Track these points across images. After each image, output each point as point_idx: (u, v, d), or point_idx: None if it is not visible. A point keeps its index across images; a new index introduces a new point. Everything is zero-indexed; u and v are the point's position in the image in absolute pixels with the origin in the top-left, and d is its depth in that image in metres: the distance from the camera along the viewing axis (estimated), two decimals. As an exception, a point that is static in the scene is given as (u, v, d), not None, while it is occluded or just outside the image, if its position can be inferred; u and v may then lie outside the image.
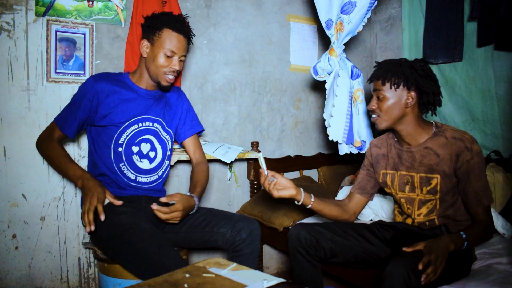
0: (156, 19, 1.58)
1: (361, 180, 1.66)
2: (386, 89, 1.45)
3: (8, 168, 1.76)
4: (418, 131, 1.47)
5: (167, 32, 1.56)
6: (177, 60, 1.59)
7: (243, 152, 2.15)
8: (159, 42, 1.56)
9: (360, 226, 1.58)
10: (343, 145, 2.09)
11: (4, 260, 1.76)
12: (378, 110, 1.47)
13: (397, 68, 1.44)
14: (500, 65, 2.30)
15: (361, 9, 1.91)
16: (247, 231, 1.49)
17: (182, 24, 1.59)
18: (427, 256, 1.19)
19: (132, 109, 1.60)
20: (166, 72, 1.59)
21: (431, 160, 1.44)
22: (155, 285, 0.93)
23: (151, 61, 1.58)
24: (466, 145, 1.38)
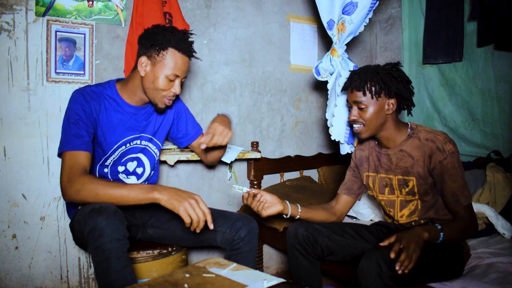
0: (161, 35, 1.40)
1: (347, 181, 1.68)
2: (367, 99, 1.44)
3: (8, 168, 1.76)
4: (395, 134, 1.48)
5: (172, 53, 1.41)
6: (178, 83, 1.46)
7: (243, 152, 2.15)
8: (161, 63, 1.41)
9: (357, 225, 1.60)
10: (344, 145, 2.10)
11: (4, 260, 1.76)
12: (361, 120, 1.47)
13: (375, 76, 1.43)
14: (500, 65, 2.30)
15: (363, 10, 1.91)
16: (246, 230, 1.48)
17: (189, 44, 1.45)
18: (397, 243, 1.21)
19: (121, 132, 1.50)
20: (165, 96, 1.46)
21: (406, 162, 1.45)
22: (155, 285, 0.93)
23: (150, 82, 1.44)
24: (438, 146, 1.38)
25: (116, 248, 1.17)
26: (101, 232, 1.16)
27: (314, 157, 2.71)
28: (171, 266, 1.51)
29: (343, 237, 1.51)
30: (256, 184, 2.41)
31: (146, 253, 1.46)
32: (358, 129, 1.49)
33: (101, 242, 1.16)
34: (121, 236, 1.19)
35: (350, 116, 1.49)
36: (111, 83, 1.52)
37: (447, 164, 1.37)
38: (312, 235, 1.48)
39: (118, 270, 1.16)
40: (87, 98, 1.42)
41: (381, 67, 1.46)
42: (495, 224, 1.85)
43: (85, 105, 1.40)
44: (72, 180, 1.27)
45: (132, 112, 1.52)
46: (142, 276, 1.46)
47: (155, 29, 1.43)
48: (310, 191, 2.38)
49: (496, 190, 2.08)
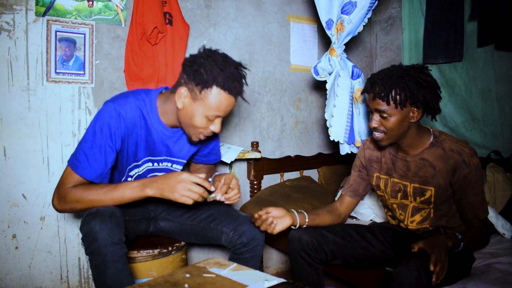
0: (208, 69, 1.23)
1: (353, 183, 1.62)
2: (391, 109, 1.33)
3: (8, 168, 1.76)
4: (417, 141, 1.40)
5: (217, 93, 1.24)
6: (219, 122, 1.31)
7: (243, 152, 2.15)
8: (203, 102, 1.26)
9: (361, 227, 1.57)
10: (344, 145, 2.10)
11: (4, 260, 1.76)
12: (383, 128, 1.37)
13: (400, 83, 1.30)
14: (500, 65, 2.30)
15: (362, 9, 1.91)
16: (249, 236, 1.43)
17: (239, 82, 1.27)
18: (433, 255, 1.17)
19: (151, 150, 1.41)
20: (201, 133, 1.32)
21: (426, 172, 1.39)
22: (155, 285, 0.93)
23: (187, 117, 1.29)
24: (464, 159, 1.32)
25: (111, 252, 1.16)
26: (95, 236, 1.16)
27: (314, 157, 2.71)
28: (171, 266, 1.51)
29: (348, 240, 1.48)
30: (256, 184, 2.41)
31: (146, 252, 1.46)
32: (379, 137, 1.40)
33: (95, 246, 1.16)
34: (117, 240, 1.18)
35: (371, 123, 1.39)
36: (153, 96, 1.37)
37: (471, 178, 1.33)
38: (317, 240, 1.44)
39: (115, 274, 1.16)
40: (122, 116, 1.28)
41: (407, 71, 1.32)
42: (495, 224, 1.85)
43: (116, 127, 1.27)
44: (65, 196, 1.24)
45: (167, 134, 1.41)
46: (142, 276, 1.46)
47: (203, 60, 1.25)
48: (310, 191, 2.38)
49: (496, 190, 2.08)
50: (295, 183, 2.46)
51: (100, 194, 1.24)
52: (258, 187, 2.42)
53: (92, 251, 1.17)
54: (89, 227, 1.17)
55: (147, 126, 1.36)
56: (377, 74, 1.38)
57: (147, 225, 1.55)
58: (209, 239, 1.53)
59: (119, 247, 1.19)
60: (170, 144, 1.43)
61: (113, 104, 1.28)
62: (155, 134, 1.38)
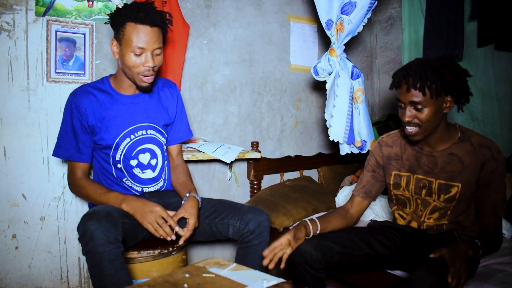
0: (117, 13, 1.39)
1: (366, 184, 1.56)
2: (427, 99, 1.29)
3: (8, 168, 1.76)
4: (446, 135, 1.37)
5: (130, 27, 1.36)
6: (149, 56, 1.39)
7: (243, 152, 2.15)
8: (124, 40, 1.38)
9: (365, 232, 1.50)
10: (344, 145, 2.10)
11: (4, 260, 1.76)
12: (417, 121, 1.32)
13: (435, 73, 1.27)
14: (500, 65, 2.30)
15: (361, 9, 1.91)
16: (255, 223, 1.46)
17: (148, 12, 1.36)
18: (453, 267, 1.14)
19: (120, 123, 1.50)
20: (140, 73, 1.41)
21: (454, 167, 1.36)
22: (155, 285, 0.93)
23: (122, 63, 1.42)
24: (493, 154, 1.31)
25: (108, 251, 1.17)
26: (91, 235, 1.18)
27: (314, 157, 2.72)
28: (171, 266, 1.51)
29: (353, 249, 1.42)
30: (256, 184, 2.41)
31: (146, 253, 1.46)
32: (412, 131, 1.34)
33: (91, 245, 1.18)
34: (113, 239, 1.19)
35: (404, 117, 1.33)
36: (104, 78, 1.55)
37: (497, 174, 1.32)
38: (321, 253, 1.37)
39: (111, 273, 1.17)
40: (75, 94, 1.46)
41: (439, 62, 1.30)
42: (495, 224, 1.84)
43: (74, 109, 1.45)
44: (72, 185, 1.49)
45: (129, 101, 1.52)
46: (142, 276, 1.46)
47: (116, 8, 1.42)
48: (310, 191, 2.38)
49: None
50: (295, 183, 2.46)
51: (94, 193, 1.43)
52: (258, 187, 2.42)
53: (89, 251, 1.19)
54: (85, 227, 1.19)
55: (107, 97, 1.50)
56: (407, 67, 1.34)
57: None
58: (216, 235, 1.54)
59: (115, 246, 1.20)
60: (135, 110, 1.53)
61: (69, 97, 1.49)
62: (117, 104, 1.51)
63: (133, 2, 1.43)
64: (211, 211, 1.53)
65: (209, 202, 1.57)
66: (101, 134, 1.48)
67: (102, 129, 1.47)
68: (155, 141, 1.59)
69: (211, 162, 2.30)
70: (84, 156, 1.48)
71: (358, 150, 2.10)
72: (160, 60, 1.45)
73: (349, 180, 2.48)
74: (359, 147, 2.08)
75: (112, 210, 1.30)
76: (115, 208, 1.35)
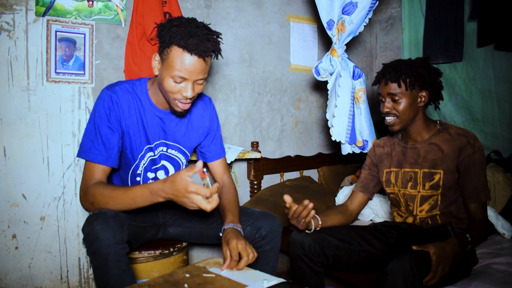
0: (166, 30, 1.24)
1: (363, 179, 1.68)
2: (402, 91, 1.47)
3: (8, 168, 1.76)
4: (424, 127, 1.52)
5: (176, 51, 1.23)
6: (189, 86, 1.27)
7: (243, 152, 2.15)
8: (167, 63, 1.25)
9: (364, 229, 1.55)
10: (345, 145, 2.10)
11: (4, 260, 1.76)
12: (395, 111, 1.49)
13: (409, 68, 1.46)
14: (500, 65, 2.30)
15: (362, 10, 1.91)
16: (268, 229, 1.43)
17: (201, 41, 1.22)
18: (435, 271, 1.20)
19: (148, 136, 1.42)
20: (176, 99, 1.30)
21: (435, 155, 1.48)
22: (155, 285, 0.93)
23: (161, 83, 1.31)
24: (469, 140, 1.43)
25: (113, 252, 1.16)
26: (96, 236, 1.15)
27: (314, 157, 2.71)
28: (172, 267, 1.51)
29: (350, 244, 1.47)
30: (256, 184, 2.41)
31: (147, 253, 1.46)
32: (391, 121, 1.51)
33: (97, 246, 1.15)
34: (119, 240, 1.17)
35: (383, 108, 1.51)
36: (143, 81, 1.42)
37: (475, 159, 1.41)
38: (319, 244, 1.43)
39: (116, 274, 1.16)
40: (114, 99, 1.33)
41: (413, 61, 1.50)
42: (495, 224, 1.85)
43: (111, 110, 1.32)
44: (85, 195, 1.26)
45: (160, 116, 1.42)
46: (143, 276, 1.45)
47: (167, 23, 1.26)
48: (310, 191, 2.38)
49: (496, 190, 2.08)
50: (295, 183, 2.46)
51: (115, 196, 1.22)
52: (258, 187, 2.42)
53: (94, 251, 1.16)
54: (91, 227, 1.16)
55: (141, 105, 1.39)
56: (386, 65, 1.53)
57: (156, 231, 1.54)
58: None
59: (121, 247, 1.18)
60: (163, 125, 1.44)
61: (107, 91, 1.34)
62: (148, 115, 1.40)
63: (188, 22, 1.25)
64: (219, 216, 1.51)
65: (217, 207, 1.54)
66: (128, 143, 1.39)
67: (130, 137, 1.39)
68: (174, 161, 1.52)
69: (211, 162, 2.30)
70: (112, 160, 1.32)
71: (359, 150, 2.10)
72: (201, 89, 1.33)
73: (349, 180, 2.48)
74: (361, 147, 2.09)
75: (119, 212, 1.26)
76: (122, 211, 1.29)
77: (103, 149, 1.30)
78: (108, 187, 1.26)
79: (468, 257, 1.39)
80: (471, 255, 1.41)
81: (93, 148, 1.29)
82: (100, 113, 1.32)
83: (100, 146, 1.30)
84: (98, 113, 1.32)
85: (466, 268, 1.40)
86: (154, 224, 1.51)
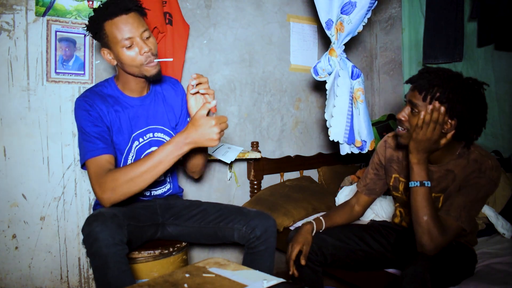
0: (91, 20, 1.34)
1: (369, 182, 1.57)
2: (424, 106, 1.22)
3: (8, 168, 1.76)
4: (443, 154, 1.31)
5: (108, 25, 1.31)
6: (140, 42, 1.32)
7: (243, 152, 2.15)
8: (110, 41, 1.33)
9: (360, 229, 1.56)
10: (344, 145, 2.10)
11: (4, 260, 1.76)
12: (407, 124, 1.27)
13: (446, 85, 1.19)
14: (500, 65, 2.30)
15: (361, 9, 1.91)
16: (262, 229, 1.45)
17: (117, 2, 1.30)
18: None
19: (130, 126, 1.46)
20: (142, 64, 1.34)
21: (448, 182, 1.31)
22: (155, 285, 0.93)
23: (122, 65, 1.37)
24: (481, 168, 1.24)
25: (113, 253, 1.16)
26: (96, 237, 1.16)
27: (314, 157, 2.71)
28: (172, 266, 1.51)
29: (347, 243, 1.48)
30: (256, 184, 2.41)
31: (147, 253, 1.46)
32: (400, 132, 1.31)
33: (96, 247, 1.16)
34: (118, 241, 1.18)
35: (399, 114, 1.29)
36: (110, 80, 1.49)
37: (476, 183, 1.23)
38: (316, 244, 1.44)
39: (116, 275, 1.16)
40: (90, 102, 1.38)
41: (460, 78, 1.22)
42: (495, 224, 1.85)
43: (90, 110, 1.36)
44: (102, 184, 1.25)
45: (137, 104, 1.48)
46: (143, 276, 1.46)
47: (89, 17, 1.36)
48: (310, 191, 2.38)
49: (496, 190, 2.08)
50: (295, 183, 2.46)
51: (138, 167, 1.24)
52: (258, 187, 2.42)
53: (94, 253, 1.17)
54: (90, 229, 1.17)
55: (115, 101, 1.44)
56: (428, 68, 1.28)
57: (155, 230, 1.55)
58: (220, 238, 1.53)
59: (121, 248, 1.19)
60: (143, 112, 1.49)
61: (80, 98, 1.40)
62: (127, 107, 1.46)
63: (103, 3, 1.35)
64: (217, 215, 1.53)
65: (215, 206, 1.57)
66: (114, 138, 1.43)
67: (114, 133, 1.43)
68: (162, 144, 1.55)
69: (211, 162, 2.30)
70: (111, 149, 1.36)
71: (358, 150, 2.10)
72: (153, 43, 1.37)
73: (349, 180, 2.48)
74: (359, 147, 2.08)
75: (118, 211, 1.28)
76: (121, 209, 1.32)
77: (99, 142, 1.33)
78: (125, 166, 1.27)
79: (470, 256, 1.39)
80: (472, 254, 1.41)
81: (89, 145, 1.32)
82: (81, 117, 1.36)
83: (95, 140, 1.33)
84: (80, 118, 1.37)
85: (469, 267, 1.39)
86: (153, 223, 1.52)
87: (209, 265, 1.06)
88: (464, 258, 1.36)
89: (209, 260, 1.10)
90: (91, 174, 1.30)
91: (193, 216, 1.54)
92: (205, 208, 1.55)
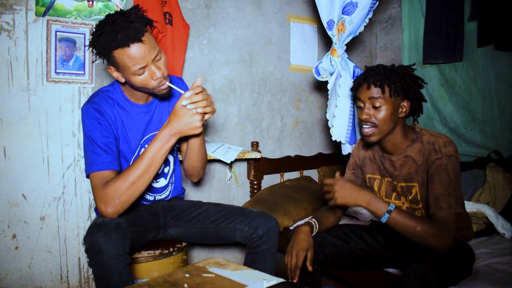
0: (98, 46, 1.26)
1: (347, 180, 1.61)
2: (386, 98, 1.34)
3: (8, 168, 1.76)
4: (401, 140, 1.40)
5: (118, 54, 1.25)
6: (153, 68, 1.28)
7: (243, 152, 2.15)
8: (121, 67, 1.28)
9: (360, 228, 1.57)
10: (346, 145, 2.10)
11: (4, 260, 1.76)
12: (374, 120, 1.35)
13: (395, 75, 1.35)
14: (500, 65, 2.30)
15: (363, 10, 1.91)
16: (264, 228, 1.45)
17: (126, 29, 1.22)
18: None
19: (137, 133, 1.45)
20: (155, 87, 1.33)
21: (410, 168, 1.38)
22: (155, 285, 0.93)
23: (133, 84, 1.34)
24: (435, 148, 1.31)
25: (116, 264, 1.16)
26: (99, 248, 1.15)
27: (314, 157, 2.72)
28: (172, 266, 1.51)
29: (347, 242, 1.48)
30: (256, 184, 2.41)
31: (147, 253, 1.46)
32: (369, 131, 1.37)
33: (100, 258, 1.16)
34: (121, 252, 1.18)
35: (362, 115, 1.37)
36: (115, 85, 1.45)
37: (439, 165, 1.28)
38: (317, 242, 1.43)
39: (119, 286, 1.16)
40: (99, 109, 1.35)
41: (398, 67, 1.38)
42: (495, 224, 1.85)
43: (101, 119, 1.34)
44: (104, 197, 1.24)
45: (143, 111, 1.47)
46: (143, 276, 1.46)
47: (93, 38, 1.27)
48: (310, 191, 2.38)
49: (496, 190, 2.08)
50: (295, 183, 2.46)
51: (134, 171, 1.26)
52: (258, 187, 2.42)
53: (97, 263, 1.16)
54: (93, 240, 1.16)
55: (121, 108, 1.43)
56: (368, 69, 1.41)
57: (156, 233, 1.55)
58: (222, 238, 1.53)
59: (124, 258, 1.18)
60: (149, 118, 1.49)
61: (88, 105, 1.37)
62: (132, 115, 1.45)
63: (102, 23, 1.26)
64: (218, 216, 1.53)
65: (216, 207, 1.57)
66: (120, 146, 1.42)
67: (121, 141, 1.42)
68: None
69: (211, 162, 2.30)
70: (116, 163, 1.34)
71: (358, 150, 2.11)
72: (164, 63, 1.33)
73: (349, 180, 2.48)
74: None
75: (121, 219, 1.26)
76: (124, 218, 1.29)
77: (106, 155, 1.31)
78: (121, 175, 1.27)
79: (467, 255, 1.39)
80: (470, 253, 1.41)
81: (95, 158, 1.30)
82: (90, 126, 1.33)
83: (101, 153, 1.31)
84: (89, 126, 1.34)
85: (467, 267, 1.39)
86: (155, 226, 1.52)
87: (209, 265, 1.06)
88: (462, 257, 1.36)
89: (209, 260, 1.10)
90: (93, 188, 1.28)
91: (195, 217, 1.54)
92: (207, 209, 1.55)
